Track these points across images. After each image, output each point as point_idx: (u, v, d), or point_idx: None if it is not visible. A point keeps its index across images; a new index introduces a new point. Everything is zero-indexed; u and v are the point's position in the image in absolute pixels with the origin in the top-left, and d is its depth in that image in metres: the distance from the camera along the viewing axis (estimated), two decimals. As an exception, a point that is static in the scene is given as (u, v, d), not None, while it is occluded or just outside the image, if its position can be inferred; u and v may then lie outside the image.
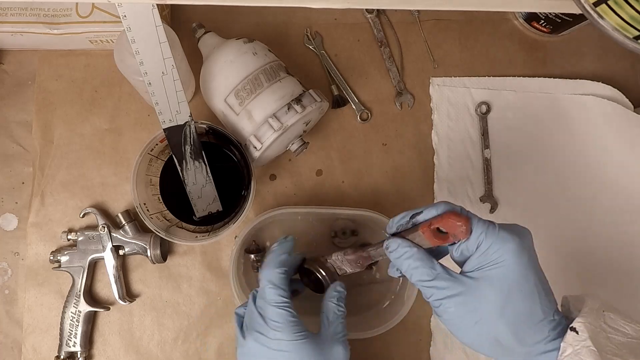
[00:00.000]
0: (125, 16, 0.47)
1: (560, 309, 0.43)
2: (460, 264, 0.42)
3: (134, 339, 0.61)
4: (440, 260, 0.43)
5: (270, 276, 0.46)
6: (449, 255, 0.44)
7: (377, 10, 0.67)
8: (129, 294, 0.62)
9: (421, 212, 0.42)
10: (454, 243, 0.41)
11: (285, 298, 0.45)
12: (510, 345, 0.40)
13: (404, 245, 0.42)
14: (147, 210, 0.55)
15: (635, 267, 0.64)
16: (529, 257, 0.40)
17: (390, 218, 0.59)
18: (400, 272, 0.44)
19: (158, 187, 0.59)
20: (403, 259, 0.42)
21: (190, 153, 0.54)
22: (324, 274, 0.50)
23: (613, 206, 0.64)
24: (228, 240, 0.63)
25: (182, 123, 0.53)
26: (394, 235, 0.44)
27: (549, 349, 0.39)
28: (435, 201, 0.64)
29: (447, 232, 0.40)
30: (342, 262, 0.50)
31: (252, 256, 0.60)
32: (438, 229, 0.40)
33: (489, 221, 0.41)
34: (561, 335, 0.39)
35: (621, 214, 0.64)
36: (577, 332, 0.38)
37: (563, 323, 0.40)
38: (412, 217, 0.43)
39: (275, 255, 0.48)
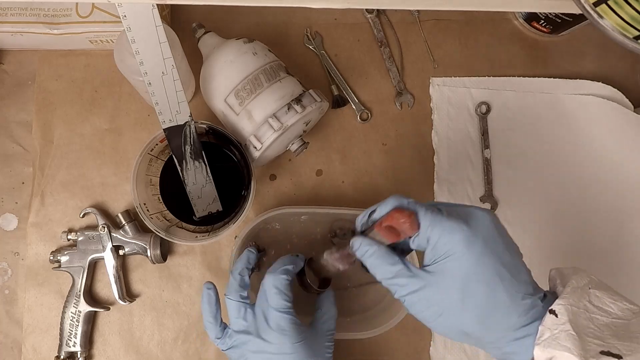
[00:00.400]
0: (125, 16, 0.47)
1: (548, 284, 0.42)
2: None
3: (134, 339, 0.61)
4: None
5: (276, 282, 0.47)
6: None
7: (377, 10, 0.67)
8: (129, 294, 0.62)
9: (375, 209, 0.43)
10: (410, 237, 0.41)
11: (290, 303, 0.46)
12: (477, 334, 0.39)
13: (365, 243, 0.42)
14: (147, 210, 0.55)
15: (635, 267, 0.64)
16: (483, 243, 0.38)
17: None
18: None
19: (158, 187, 0.59)
20: (366, 257, 0.42)
21: (190, 153, 0.54)
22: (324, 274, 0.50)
23: (613, 206, 0.64)
24: (228, 240, 0.63)
25: (182, 123, 0.53)
26: (361, 233, 0.44)
27: (521, 335, 0.37)
28: (435, 201, 0.64)
29: (396, 228, 0.40)
30: (333, 260, 0.50)
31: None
32: (389, 225, 0.40)
33: (437, 210, 0.40)
34: (537, 318, 0.37)
35: (621, 214, 0.64)
36: (556, 315, 0.36)
37: (539, 305, 0.38)
38: (370, 215, 0.43)
39: (282, 263, 0.49)
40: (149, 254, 0.59)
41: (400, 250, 0.43)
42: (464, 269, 0.38)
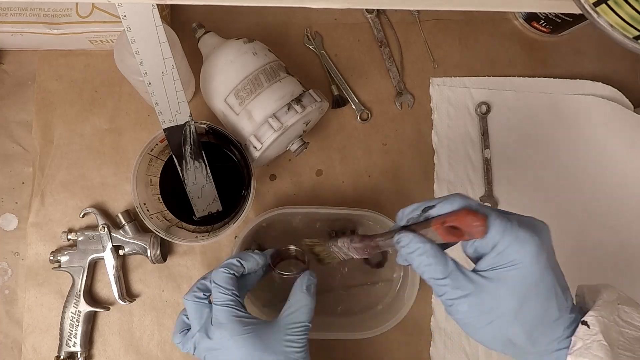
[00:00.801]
0: (125, 16, 0.47)
1: (574, 300, 0.42)
2: (474, 260, 0.40)
3: (134, 339, 0.61)
4: (450, 251, 0.41)
5: (215, 276, 0.47)
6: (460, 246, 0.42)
7: (377, 10, 0.67)
8: (129, 294, 0.62)
9: (434, 205, 0.40)
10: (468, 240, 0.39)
11: (230, 296, 0.46)
12: (523, 345, 0.39)
13: (416, 240, 0.39)
14: (147, 210, 0.55)
15: (636, 265, 0.64)
16: (547, 256, 0.38)
17: (390, 218, 0.59)
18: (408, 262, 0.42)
19: (158, 187, 0.59)
20: (415, 255, 0.39)
21: (190, 153, 0.54)
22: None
23: (613, 206, 0.64)
24: (228, 240, 0.63)
25: (182, 123, 0.53)
26: (404, 228, 0.42)
27: (562, 346, 0.38)
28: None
29: (462, 230, 0.38)
30: (349, 248, 0.48)
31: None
32: (452, 225, 0.38)
33: (507, 217, 0.38)
34: (575, 331, 0.38)
35: (621, 213, 0.64)
36: (588, 326, 0.37)
37: (578, 320, 0.39)
38: (425, 210, 0.40)
39: (227, 259, 0.49)
40: (149, 254, 0.59)
41: (443, 245, 0.41)
42: (528, 280, 0.37)
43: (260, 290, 0.60)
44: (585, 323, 0.37)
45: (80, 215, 0.61)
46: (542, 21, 0.64)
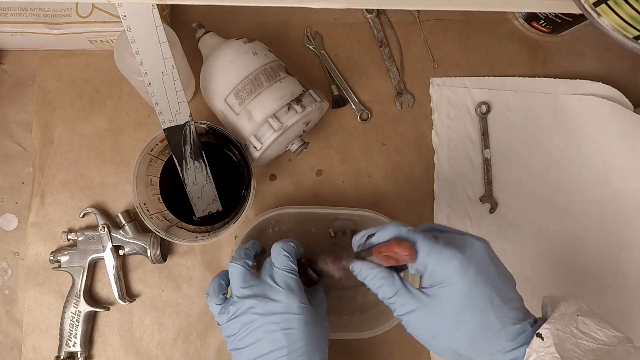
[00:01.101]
0: (125, 16, 0.47)
1: (541, 311, 0.43)
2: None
3: (134, 339, 0.61)
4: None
5: (285, 246, 0.49)
6: None
7: (377, 10, 0.67)
8: (129, 294, 0.62)
9: (373, 234, 0.45)
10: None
11: (296, 268, 0.49)
12: (470, 355, 0.41)
13: (365, 267, 0.44)
14: (147, 210, 0.55)
15: (635, 264, 0.64)
16: (476, 270, 0.40)
17: (390, 218, 0.60)
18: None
19: (158, 187, 0.59)
20: (367, 280, 0.44)
21: (190, 153, 0.54)
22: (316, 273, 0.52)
23: (613, 206, 0.64)
24: (228, 240, 0.63)
25: (182, 123, 0.53)
26: (357, 254, 0.46)
27: (509, 358, 0.40)
28: (435, 201, 0.64)
29: (394, 257, 0.42)
30: (328, 269, 0.51)
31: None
32: (388, 255, 0.42)
33: (434, 238, 0.42)
34: (526, 342, 0.40)
35: (621, 213, 0.64)
36: (542, 339, 0.38)
37: (528, 330, 0.40)
38: (368, 237, 0.45)
39: (286, 239, 0.51)
40: (149, 254, 0.59)
41: (398, 268, 0.45)
42: (458, 295, 0.40)
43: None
44: (539, 335, 0.39)
45: (80, 215, 0.61)
46: (542, 21, 0.64)
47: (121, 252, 0.60)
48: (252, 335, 0.46)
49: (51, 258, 0.60)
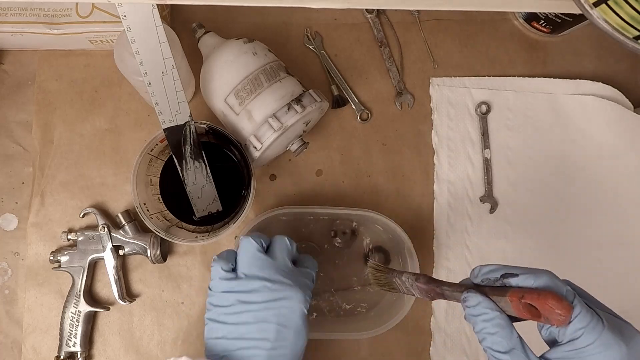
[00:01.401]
0: (125, 16, 0.47)
1: None
2: (546, 341, 0.38)
3: (134, 339, 0.61)
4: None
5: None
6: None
7: (377, 10, 0.67)
8: (129, 294, 0.62)
9: (517, 275, 0.37)
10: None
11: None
12: None
13: (485, 305, 0.37)
14: (147, 210, 0.55)
15: (634, 263, 0.64)
16: None
17: (390, 218, 0.59)
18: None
19: (158, 187, 0.59)
20: (479, 320, 0.37)
21: (190, 153, 0.54)
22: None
23: (612, 205, 0.64)
24: (228, 240, 0.63)
25: (182, 123, 0.53)
26: (476, 286, 0.40)
27: None
28: (435, 201, 0.64)
29: (539, 312, 0.35)
30: (412, 286, 0.46)
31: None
32: (530, 303, 0.35)
33: (596, 312, 0.36)
34: None
35: (620, 213, 0.64)
36: None
37: None
38: (504, 275, 0.38)
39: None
40: (149, 254, 0.59)
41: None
42: None
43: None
44: None
45: (80, 215, 0.61)
46: (542, 21, 0.64)
47: (121, 252, 0.60)
48: (242, 316, 0.44)
49: (51, 258, 0.60)
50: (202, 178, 0.56)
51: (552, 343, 0.37)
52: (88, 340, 0.60)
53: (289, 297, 0.45)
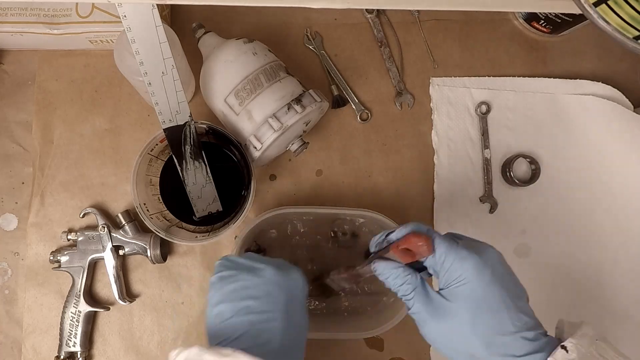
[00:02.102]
0: (125, 16, 0.47)
1: (555, 332, 0.44)
2: (439, 284, 0.44)
3: (134, 339, 0.61)
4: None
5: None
6: None
7: (377, 10, 0.67)
8: (129, 294, 0.62)
9: (393, 231, 0.45)
10: (424, 261, 0.44)
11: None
12: (484, 358, 0.41)
13: (388, 267, 0.44)
14: (147, 210, 0.55)
15: (636, 267, 0.64)
16: (492, 273, 0.41)
17: (389, 218, 0.60)
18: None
19: (158, 187, 0.59)
20: (390, 279, 0.44)
21: (190, 153, 0.54)
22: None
23: (613, 205, 0.64)
24: (228, 240, 0.63)
25: (182, 123, 0.53)
26: (375, 254, 0.47)
27: None
28: (435, 201, 0.64)
29: (412, 251, 0.43)
30: (339, 280, 0.52)
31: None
32: (405, 247, 0.43)
33: (452, 239, 0.43)
34: (538, 350, 0.40)
35: (621, 213, 0.64)
36: (567, 351, 0.39)
37: (542, 339, 0.40)
38: (387, 235, 0.46)
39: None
40: (149, 254, 0.59)
41: (416, 269, 0.45)
42: (474, 295, 0.41)
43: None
44: (564, 347, 0.39)
45: (80, 215, 0.61)
46: (542, 21, 0.64)
47: (121, 252, 0.60)
48: (250, 291, 0.44)
49: (51, 258, 0.60)
50: (202, 178, 0.56)
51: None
52: (88, 340, 0.60)
53: (292, 274, 0.46)
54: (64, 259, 0.60)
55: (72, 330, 0.59)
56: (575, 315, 0.63)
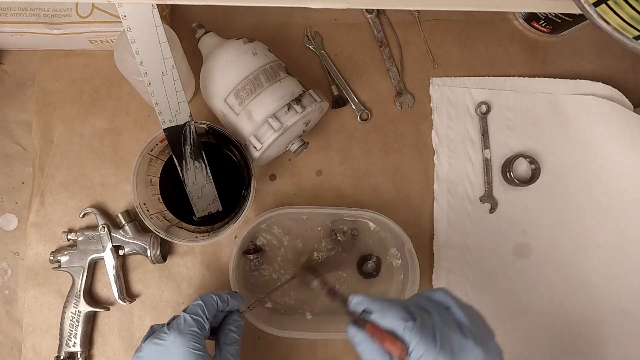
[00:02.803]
0: (125, 16, 0.47)
1: None
2: None
3: (134, 339, 0.61)
4: None
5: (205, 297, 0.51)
6: None
7: (377, 10, 0.67)
8: (129, 294, 0.62)
9: (371, 312, 0.44)
10: None
11: (204, 319, 0.50)
12: None
13: (360, 337, 0.44)
14: (147, 210, 0.55)
15: (635, 268, 0.64)
16: None
17: (390, 218, 0.60)
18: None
19: (158, 187, 0.59)
20: (360, 349, 0.44)
21: (190, 153, 0.54)
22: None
23: (612, 206, 0.64)
24: (228, 240, 0.63)
25: (182, 123, 0.53)
26: (353, 317, 0.46)
27: None
28: (435, 201, 0.64)
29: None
30: (320, 292, 0.52)
31: (252, 256, 0.60)
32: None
33: (431, 339, 0.41)
34: None
35: (621, 212, 0.64)
36: None
37: None
38: (364, 311, 0.45)
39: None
40: (149, 254, 0.59)
41: None
42: None
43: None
44: None
45: (80, 215, 0.61)
46: (542, 21, 0.64)
47: (121, 252, 0.60)
48: None
49: (51, 258, 0.60)
50: (202, 178, 0.56)
51: None
52: (88, 340, 0.60)
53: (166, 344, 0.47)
54: (64, 259, 0.60)
55: (72, 330, 0.59)
56: (574, 316, 0.63)
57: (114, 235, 0.60)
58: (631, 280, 0.64)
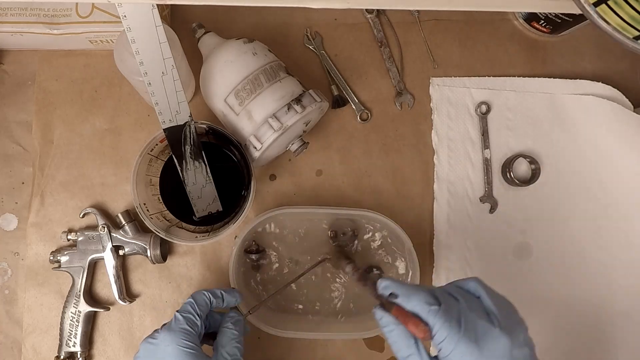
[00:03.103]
0: (125, 16, 0.47)
1: None
2: None
3: (134, 339, 0.61)
4: None
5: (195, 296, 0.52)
6: None
7: (377, 10, 0.67)
8: (129, 294, 0.62)
9: (397, 296, 0.44)
10: None
11: (197, 316, 0.50)
12: None
13: (387, 321, 0.44)
14: (147, 210, 0.55)
15: (637, 268, 0.64)
16: None
17: (390, 218, 0.60)
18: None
19: (158, 187, 0.59)
20: (385, 330, 0.44)
21: (190, 153, 0.54)
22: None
23: (613, 206, 0.64)
24: (228, 240, 0.63)
25: (182, 123, 0.53)
26: (381, 300, 0.46)
27: None
28: (435, 201, 0.64)
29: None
30: (351, 277, 0.54)
31: (252, 256, 0.60)
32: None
33: (456, 324, 0.41)
34: None
35: (621, 212, 0.64)
36: None
37: None
38: (390, 295, 0.45)
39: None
40: (149, 254, 0.59)
41: None
42: None
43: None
44: None
45: (80, 215, 0.61)
46: (542, 21, 0.64)
47: (121, 252, 0.60)
48: None
49: (51, 258, 0.60)
50: (202, 178, 0.56)
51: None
52: (88, 340, 0.60)
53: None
54: (64, 259, 0.60)
55: (72, 330, 0.59)
56: (575, 315, 0.63)
57: (114, 235, 0.60)
58: (631, 280, 0.64)
